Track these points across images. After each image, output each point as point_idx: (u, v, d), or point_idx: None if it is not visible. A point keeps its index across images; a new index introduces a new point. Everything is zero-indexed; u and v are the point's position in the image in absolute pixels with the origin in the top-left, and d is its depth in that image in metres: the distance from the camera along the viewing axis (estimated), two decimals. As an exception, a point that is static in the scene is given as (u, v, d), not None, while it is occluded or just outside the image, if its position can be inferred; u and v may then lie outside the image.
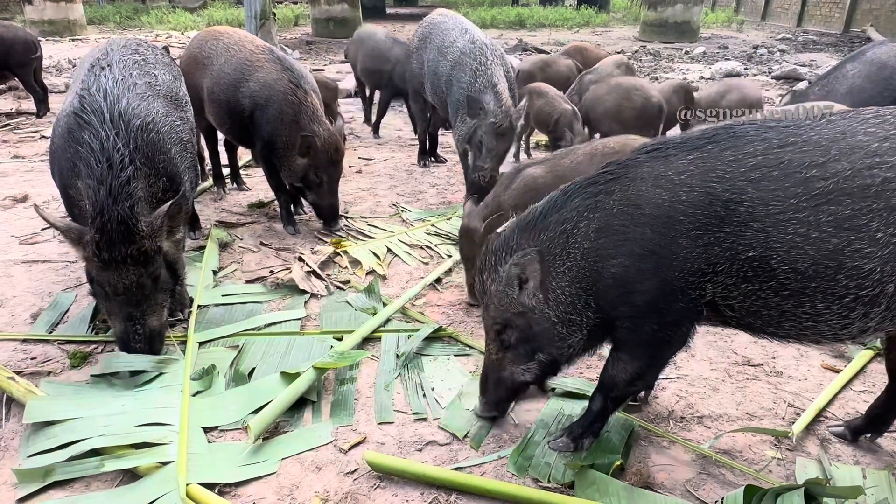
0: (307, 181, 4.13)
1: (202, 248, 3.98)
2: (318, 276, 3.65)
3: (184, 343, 2.95)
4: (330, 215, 4.32)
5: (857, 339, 2.00)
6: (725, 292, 1.90)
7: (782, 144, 1.82)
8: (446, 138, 6.67)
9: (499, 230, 2.29)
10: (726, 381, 2.79)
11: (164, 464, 2.21)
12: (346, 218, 4.64)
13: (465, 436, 2.43)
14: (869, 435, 2.39)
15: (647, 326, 2.01)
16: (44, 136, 6.51)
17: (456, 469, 2.22)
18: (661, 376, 2.78)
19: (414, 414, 2.55)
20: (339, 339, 3.00)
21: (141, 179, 2.69)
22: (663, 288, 1.92)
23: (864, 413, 2.43)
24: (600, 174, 2.07)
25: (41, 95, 7.52)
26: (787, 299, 1.84)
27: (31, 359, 2.84)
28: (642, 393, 2.60)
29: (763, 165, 1.80)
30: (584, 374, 2.81)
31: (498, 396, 2.36)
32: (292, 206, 4.61)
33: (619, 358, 2.16)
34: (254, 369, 2.79)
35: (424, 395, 2.65)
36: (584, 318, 2.10)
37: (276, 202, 4.58)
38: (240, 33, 4.57)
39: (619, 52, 10.98)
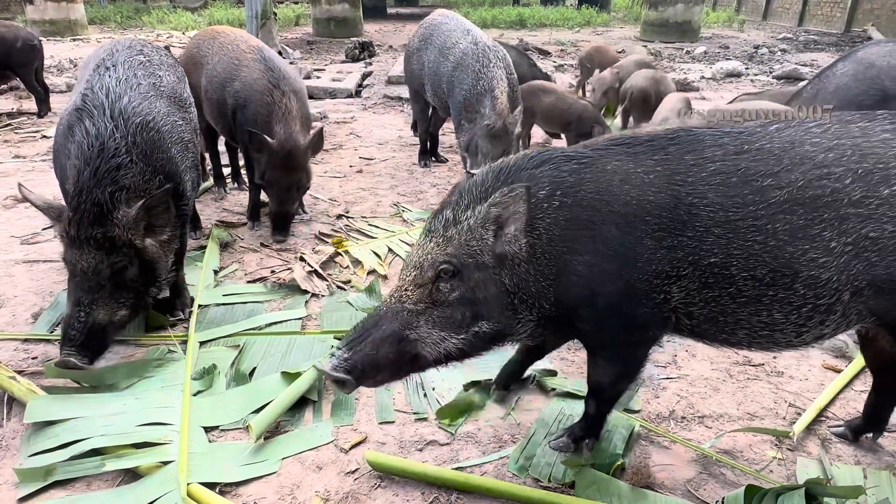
0: (264, 181, 4.05)
1: (203, 247, 3.98)
2: (319, 276, 3.65)
3: (185, 342, 2.96)
4: (274, 222, 4.17)
5: (810, 346, 2.01)
6: (688, 298, 1.87)
7: (738, 151, 1.82)
8: (447, 138, 6.67)
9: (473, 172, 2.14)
10: (727, 381, 2.79)
11: (165, 463, 2.21)
12: (347, 217, 4.64)
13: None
14: (870, 434, 2.39)
15: (612, 330, 1.96)
16: (45, 136, 6.52)
17: (457, 469, 2.22)
18: (661, 376, 2.80)
19: (414, 413, 2.55)
20: (340, 339, 3.00)
21: (134, 172, 2.67)
22: (627, 291, 1.86)
23: (862, 413, 2.43)
24: (577, 152, 1.97)
25: (42, 95, 7.52)
26: (744, 307, 1.84)
27: (33, 358, 2.85)
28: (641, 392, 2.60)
29: (722, 171, 1.80)
30: (584, 374, 2.80)
31: (372, 359, 1.85)
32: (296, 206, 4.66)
33: (596, 363, 2.12)
34: (255, 369, 2.79)
35: (425, 394, 2.65)
36: (537, 302, 1.94)
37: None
38: (236, 33, 4.55)
39: (620, 52, 10.95)
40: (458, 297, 1.89)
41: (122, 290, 2.66)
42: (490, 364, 2.83)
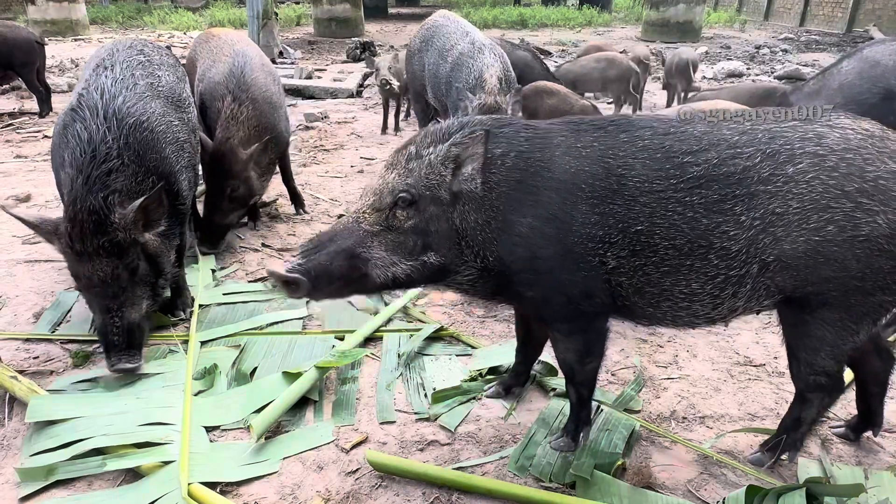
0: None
1: (204, 247, 3.98)
2: (319, 276, 3.65)
3: (186, 342, 2.96)
4: (202, 229, 3.95)
5: (727, 320, 2.14)
6: (620, 267, 1.97)
7: (665, 133, 1.98)
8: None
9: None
10: (728, 382, 2.79)
11: (166, 463, 2.22)
12: (348, 218, 4.64)
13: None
14: (870, 432, 2.38)
15: (557, 296, 2.04)
16: (46, 136, 6.52)
17: (457, 469, 2.22)
18: (662, 376, 2.80)
19: (415, 413, 2.55)
20: (341, 339, 3.01)
21: (124, 174, 2.68)
22: (565, 254, 1.96)
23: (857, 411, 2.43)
24: (535, 123, 2.13)
25: (44, 95, 7.54)
26: (667, 276, 1.97)
27: (34, 358, 2.85)
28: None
29: (649, 148, 1.96)
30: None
31: (325, 268, 1.91)
32: (295, 207, 4.69)
33: (555, 339, 2.21)
34: (256, 369, 2.80)
35: (426, 394, 2.65)
36: (482, 251, 2.02)
37: (277, 201, 4.58)
38: (229, 36, 4.49)
39: (621, 52, 10.94)
40: (412, 226, 1.99)
41: (140, 286, 2.72)
42: (490, 357, 2.85)
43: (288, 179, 4.66)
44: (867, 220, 1.80)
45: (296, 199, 4.71)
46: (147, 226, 2.70)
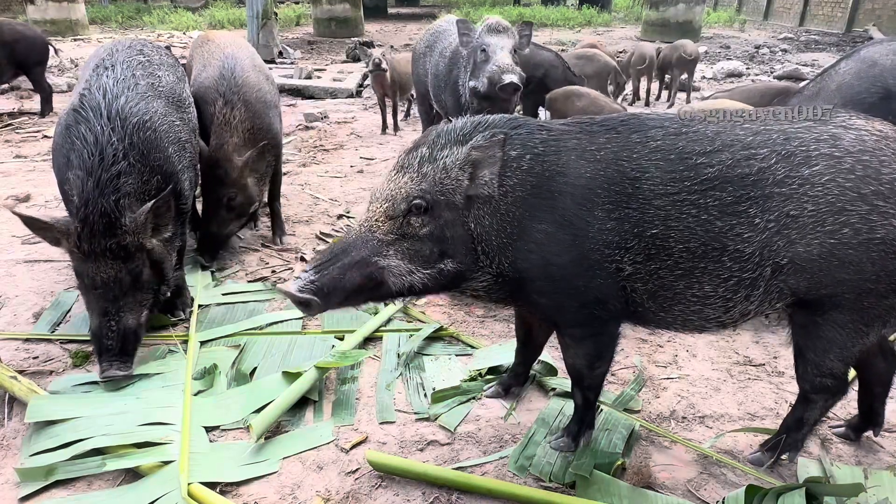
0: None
1: (204, 247, 3.98)
2: (319, 276, 3.64)
3: (185, 342, 2.96)
4: (199, 241, 3.84)
5: (738, 324, 2.10)
6: (636, 273, 1.95)
7: (677, 133, 1.94)
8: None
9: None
10: (728, 381, 2.79)
11: (166, 463, 2.22)
12: (348, 217, 4.65)
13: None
14: (871, 432, 2.38)
15: (572, 302, 2.01)
16: (46, 136, 6.52)
17: (457, 469, 2.22)
18: (661, 376, 2.80)
19: (415, 413, 2.55)
20: (341, 339, 3.01)
21: (132, 175, 2.69)
22: (581, 262, 1.94)
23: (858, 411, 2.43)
24: (549, 124, 2.08)
25: (48, 95, 7.55)
26: (680, 279, 1.94)
27: (34, 358, 2.85)
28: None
29: (662, 149, 1.93)
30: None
31: (338, 282, 1.86)
32: (273, 234, 4.45)
33: (566, 344, 2.18)
34: (255, 369, 2.80)
35: (426, 394, 2.65)
36: (497, 257, 1.99)
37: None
38: (225, 38, 4.40)
39: (621, 52, 10.94)
40: (428, 233, 1.95)
41: (141, 292, 2.71)
42: (490, 357, 2.85)
43: (273, 197, 4.25)
44: (883, 223, 1.79)
45: (276, 224, 4.30)
46: (155, 230, 2.71)
